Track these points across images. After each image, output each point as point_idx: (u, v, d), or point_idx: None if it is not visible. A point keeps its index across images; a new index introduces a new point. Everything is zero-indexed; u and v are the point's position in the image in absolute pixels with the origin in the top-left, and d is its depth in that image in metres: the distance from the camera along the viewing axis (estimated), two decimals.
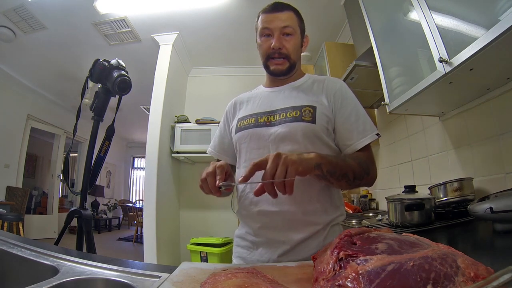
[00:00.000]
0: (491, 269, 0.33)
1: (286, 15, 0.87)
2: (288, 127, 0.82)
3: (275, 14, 0.86)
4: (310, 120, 0.82)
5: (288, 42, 0.86)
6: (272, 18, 0.86)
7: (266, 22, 0.87)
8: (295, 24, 0.88)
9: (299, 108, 0.84)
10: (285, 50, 0.86)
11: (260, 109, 0.90)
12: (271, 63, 0.88)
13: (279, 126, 0.83)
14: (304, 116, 0.82)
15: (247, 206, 0.85)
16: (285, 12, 0.87)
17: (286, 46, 0.86)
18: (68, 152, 1.38)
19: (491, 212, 0.73)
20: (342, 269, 0.36)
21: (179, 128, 3.10)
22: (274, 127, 0.84)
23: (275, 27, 0.85)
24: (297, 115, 0.83)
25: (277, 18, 0.85)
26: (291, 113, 0.84)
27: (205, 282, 0.43)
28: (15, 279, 0.62)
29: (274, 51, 0.85)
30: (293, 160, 0.61)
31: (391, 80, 1.42)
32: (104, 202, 7.55)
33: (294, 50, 0.87)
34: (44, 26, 2.91)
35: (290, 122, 0.82)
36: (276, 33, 0.85)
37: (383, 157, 2.22)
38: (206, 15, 2.77)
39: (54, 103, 5.21)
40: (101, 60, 1.25)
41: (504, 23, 0.74)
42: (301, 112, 0.83)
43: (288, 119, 0.83)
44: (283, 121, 0.83)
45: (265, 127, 0.85)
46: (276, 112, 0.86)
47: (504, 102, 1.11)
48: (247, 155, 0.87)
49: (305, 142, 0.81)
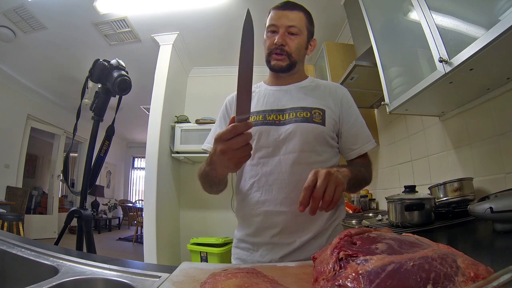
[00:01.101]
0: (491, 269, 0.33)
1: (295, 14, 0.87)
2: (299, 127, 0.82)
3: (284, 12, 0.87)
4: (320, 122, 0.84)
5: (292, 41, 0.86)
6: (280, 16, 0.87)
7: (273, 19, 0.87)
8: (302, 25, 0.88)
9: (309, 110, 0.85)
10: (287, 48, 0.86)
11: (267, 106, 0.89)
12: (272, 58, 0.88)
13: (290, 126, 0.83)
14: (314, 118, 0.84)
15: (251, 206, 0.84)
16: (294, 11, 0.87)
17: (289, 44, 0.86)
18: (68, 152, 1.38)
19: (491, 212, 0.73)
20: (342, 269, 0.36)
21: (179, 128, 3.10)
22: (285, 126, 0.84)
23: (281, 25, 0.86)
24: (307, 116, 0.84)
25: (284, 16, 0.86)
26: (301, 113, 0.84)
27: (205, 282, 0.43)
28: (15, 279, 0.62)
29: (276, 46, 0.86)
30: (341, 180, 0.62)
31: (391, 80, 1.41)
32: (104, 202, 7.55)
33: (296, 50, 0.87)
34: (44, 26, 2.91)
35: (301, 122, 0.83)
36: (281, 30, 0.86)
37: (383, 157, 2.22)
38: (206, 15, 2.77)
39: (54, 103, 5.21)
40: (101, 60, 1.25)
41: (504, 23, 0.74)
42: (311, 114, 0.84)
43: (298, 119, 0.84)
44: (294, 121, 0.84)
45: (274, 125, 0.85)
46: (285, 111, 0.86)
47: (504, 102, 1.11)
48: (255, 153, 0.85)
49: (314, 143, 0.83)
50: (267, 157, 0.84)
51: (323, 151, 0.84)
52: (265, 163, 0.83)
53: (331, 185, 0.59)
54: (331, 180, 0.59)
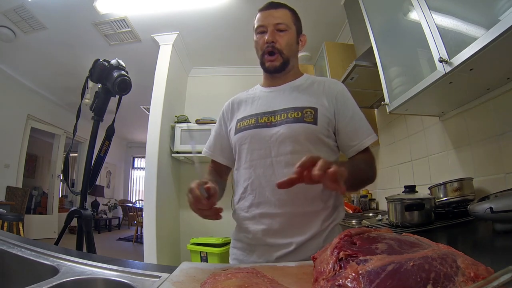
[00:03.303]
0: (491, 269, 0.33)
1: (280, 12, 0.89)
2: (289, 128, 0.82)
3: (269, 11, 0.89)
4: (311, 121, 0.82)
5: (281, 38, 0.87)
6: (266, 15, 0.89)
7: (260, 20, 0.89)
8: (289, 21, 0.89)
9: (301, 109, 0.84)
10: (278, 45, 0.87)
11: (260, 109, 0.89)
12: (265, 59, 0.89)
13: (281, 127, 0.83)
14: (306, 117, 0.83)
15: (245, 208, 0.85)
16: (279, 9, 0.89)
17: (279, 41, 0.87)
18: (68, 152, 1.38)
19: (491, 212, 0.73)
20: (342, 269, 0.36)
21: (179, 128, 3.10)
22: (276, 128, 0.83)
23: (269, 23, 0.87)
24: (298, 116, 0.83)
25: (270, 15, 0.88)
26: (292, 113, 0.84)
27: (205, 282, 0.43)
28: (15, 279, 0.62)
29: (267, 45, 0.86)
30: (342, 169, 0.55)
31: (391, 80, 1.41)
32: (104, 202, 7.54)
33: (287, 45, 0.88)
34: (44, 26, 2.91)
35: (291, 123, 0.82)
36: (270, 28, 0.87)
37: (383, 157, 2.22)
38: (206, 15, 2.76)
39: (54, 103, 5.21)
40: (101, 60, 1.25)
41: (504, 23, 0.74)
42: (302, 113, 0.83)
43: (289, 119, 0.83)
44: (284, 122, 0.83)
45: (266, 127, 0.85)
46: (276, 112, 0.86)
47: (504, 102, 1.11)
48: (248, 156, 0.86)
49: (307, 143, 0.81)
50: (259, 159, 0.84)
51: (317, 150, 0.82)
52: (258, 166, 0.84)
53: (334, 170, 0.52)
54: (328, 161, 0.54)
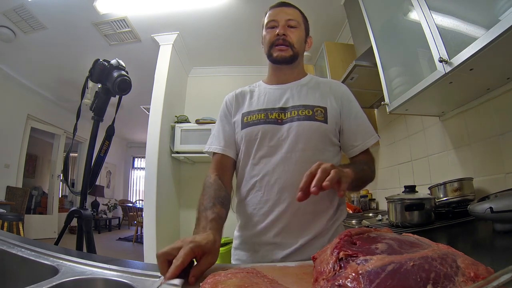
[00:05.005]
0: (491, 269, 0.33)
1: (292, 10, 0.91)
2: (301, 125, 0.82)
3: (281, 8, 0.91)
4: (322, 120, 0.84)
5: (292, 33, 0.89)
6: (278, 11, 0.90)
7: (272, 15, 0.91)
8: (299, 20, 0.91)
9: (311, 108, 0.85)
10: (289, 38, 0.88)
11: (268, 105, 0.89)
12: (274, 50, 0.89)
13: (292, 124, 0.83)
14: (317, 116, 0.84)
15: (253, 206, 0.84)
16: (291, 8, 0.92)
17: (291, 35, 0.88)
18: (68, 152, 1.38)
19: (491, 212, 0.73)
20: (342, 269, 0.36)
21: (179, 128, 3.10)
22: (287, 125, 0.84)
23: (281, 19, 0.89)
24: (309, 114, 0.84)
25: (282, 11, 0.90)
26: (303, 111, 0.84)
27: (205, 282, 0.43)
28: (15, 279, 0.62)
29: (278, 37, 0.87)
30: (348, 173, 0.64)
31: (391, 80, 1.41)
32: (104, 202, 7.54)
33: (298, 41, 0.89)
34: (44, 26, 2.91)
35: (303, 120, 0.83)
36: (282, 23, 0.88)
37: (383, 157, 2.22)
38: (206, 15, 2.76)
39: (54, 103, 5.21)
40: (101, 60, 1.25)
41: (504, 23, 0.74)
42: (313, 112, 0.84)
43: (301, 117, 0.83)
44: (296, 119, 0.84)
45: (276, 124, 0.85)
46: (287, 109, 0.86)
47: (504, 102, 1.11)
48: (257, 152, 0.85)
49: (317, 142, 0.83)
50: (269, 156, 0.83)
51: (325, 149, 0.84)
52: (267, 162, 0.83)
53: (335, 171, 0.58)
54: (335, 168, 0.59)
